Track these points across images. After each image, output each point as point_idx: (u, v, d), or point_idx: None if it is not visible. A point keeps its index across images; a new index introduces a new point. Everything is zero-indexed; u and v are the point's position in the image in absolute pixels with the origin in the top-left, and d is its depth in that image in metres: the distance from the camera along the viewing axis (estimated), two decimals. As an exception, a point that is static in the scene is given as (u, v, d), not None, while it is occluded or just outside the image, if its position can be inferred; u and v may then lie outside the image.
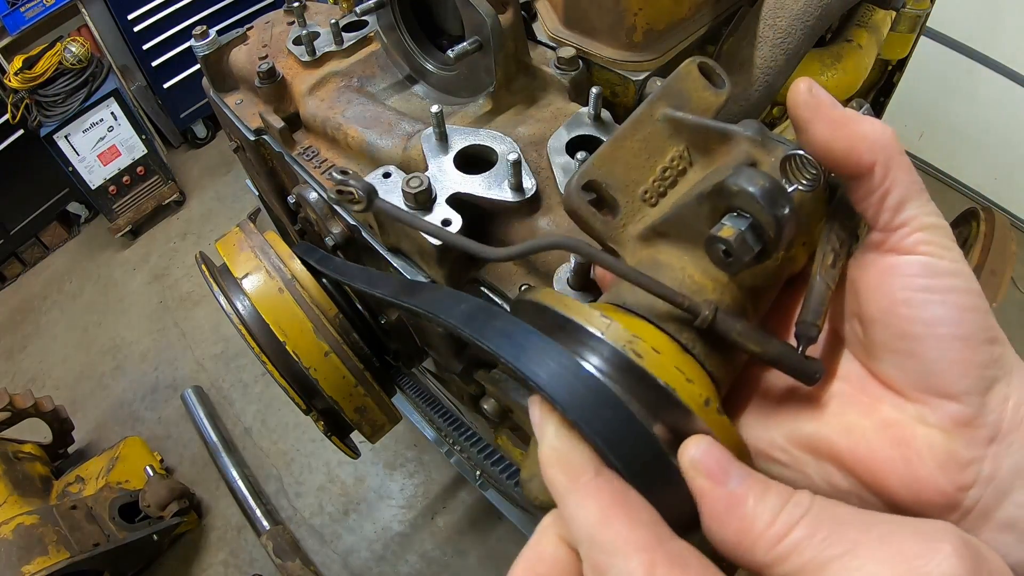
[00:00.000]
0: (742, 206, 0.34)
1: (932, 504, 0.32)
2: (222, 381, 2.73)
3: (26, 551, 1.77)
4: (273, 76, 0.91)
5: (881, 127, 0.34)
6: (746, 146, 0.40)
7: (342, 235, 0.87)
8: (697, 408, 0.31)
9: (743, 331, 0.35)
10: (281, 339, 0.85)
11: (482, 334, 0.35)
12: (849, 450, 0.34)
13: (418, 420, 1.90)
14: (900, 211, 0.34)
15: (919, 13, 1.25)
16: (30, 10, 2.83)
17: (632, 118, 0.43)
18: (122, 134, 3.12)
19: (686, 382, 0.32)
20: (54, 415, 2.31)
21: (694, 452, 0.30)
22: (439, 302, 0.42)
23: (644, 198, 0.42)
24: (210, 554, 2.28)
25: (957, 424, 0.32)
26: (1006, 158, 2.74)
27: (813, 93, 0.34)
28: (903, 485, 0.33)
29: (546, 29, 0.92)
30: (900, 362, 0.34)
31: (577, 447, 0.30)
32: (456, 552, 2.17)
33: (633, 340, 0.32)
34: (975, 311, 0.33)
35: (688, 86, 0.44)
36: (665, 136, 0.43)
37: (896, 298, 0.33)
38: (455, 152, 0.72)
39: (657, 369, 0.32)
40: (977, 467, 0.32)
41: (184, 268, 3.18)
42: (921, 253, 0.33)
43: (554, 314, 0.35)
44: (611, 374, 0.32)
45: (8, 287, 3.32)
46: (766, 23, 0.83)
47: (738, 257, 0.33)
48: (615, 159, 0.42)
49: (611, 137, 0.43)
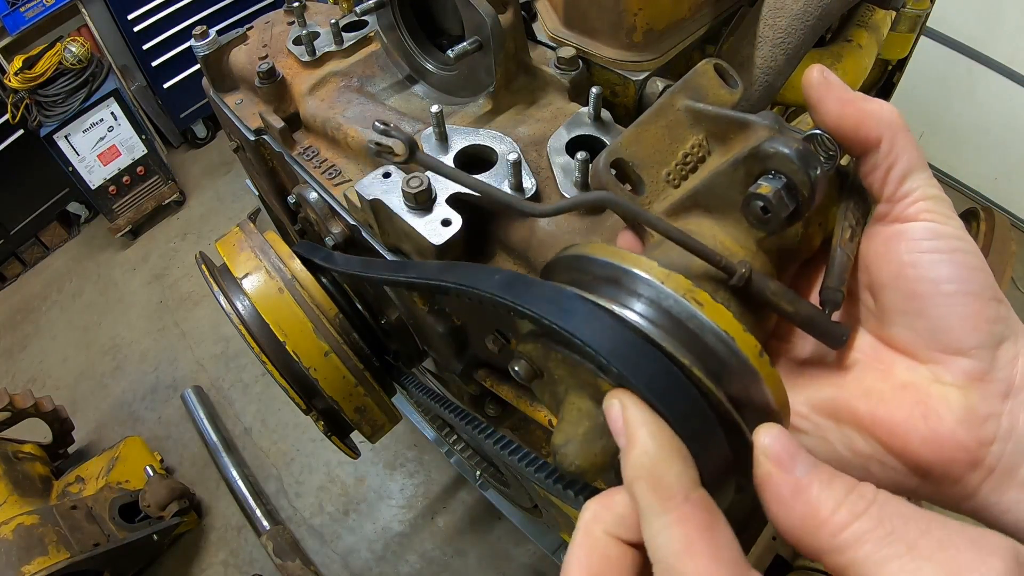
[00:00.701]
0: (778, 167, 0.35)
1: (955, 461, 0.33)
2: (222, 381, 2.73)
3: (26, 551, 1.77)
4: (273, 76, 0.91)
5: (888, 106, 0.36)
6: (764, 134, 0.41)
7: (342, 235, 0.87)
8: (753, 357, 0.32)
9: (776, 290, 0.36)
10: (281, 339, 0.85)
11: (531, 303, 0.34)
12: (869, 413, 0.35)
13: (418, 420, 1.90)
14: (904, 182, 0.35)
15: (919, 13, 1.25)
16: (30, 10, 2.83)
17: (655, 106, 0.44)
18: (122, 134, 3.12)
19: (743, 331, 0.32)
20: (54, 415, 2.31)
21: (765, 439, 0.30)
22: (474, 275, 0.43)
23: (667, 179, 0.44)
24: (210, 554, 2.28)
25: (971, 379, 0.33)
26: (1006, 158, 2.74)
27: (824, 76, 0.37)
28: (924, 444, 0.33)
29: (546, 29, 0.92)
30: (911, 323, 0.35)
31: (671, 461, 0.29)
32: (456, 552, 2.17)
33: (693, 290, 0.33)
34: (981, 271, 0.34)
35: (705, 83, 0.46)
36: (686, 125, 0.45)
37: (903, 261, 0.35)
38: (455, 152, 0.72)
39: (717, 317, 0.32)
40: (996, 422, 0.32)
41: (184, 268, 3.18)
42: (925, 219, 0.35)
43: (607, 264, 0.35)
44: (665, 324, 0.32)
45: (8, 287, 3.33)
46: (766, 23, 0.83)
47: (776, 213, 0.35)
48: (640, 141, 0.44)
49: (635, 122, 0.44)
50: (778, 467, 0.30)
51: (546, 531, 1.73)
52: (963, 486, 0.33)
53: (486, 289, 0.39)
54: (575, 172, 0.68)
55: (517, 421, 1.01)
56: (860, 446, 0.36)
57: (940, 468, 0.33)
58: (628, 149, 0.43)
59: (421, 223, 0.67)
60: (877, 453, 0.35)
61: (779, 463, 0.30)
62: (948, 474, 0.33)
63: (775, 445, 0.30)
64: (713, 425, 0.31)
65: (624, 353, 0.31)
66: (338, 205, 0.85)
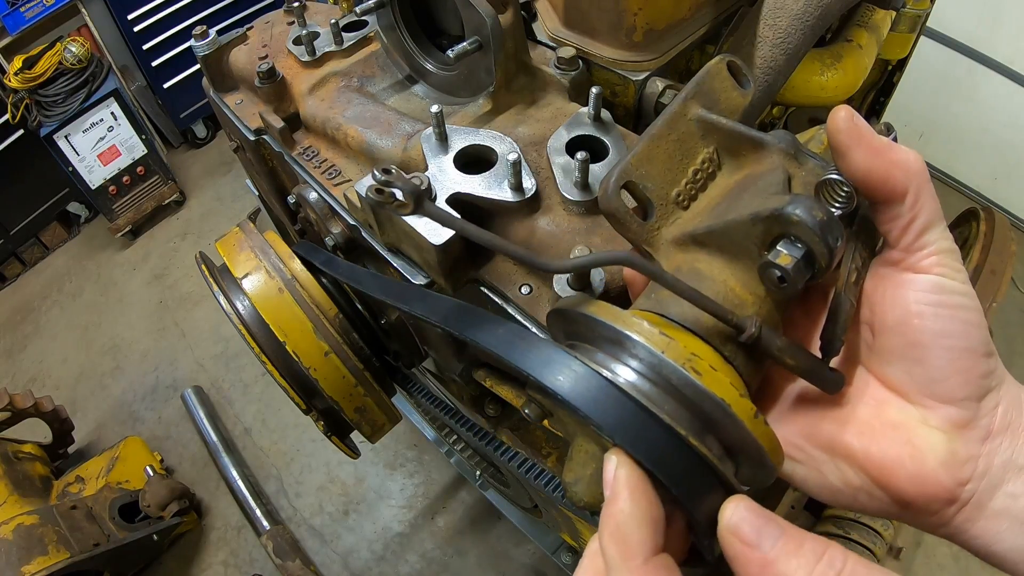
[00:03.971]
0: (799, 235, 0.35)
1: (935, 499, 0.36)
2: (222, 381, 2.73)
3: (26, 551, 1.77)
4: (273, 76, 0.91)
5: (915, 156, 0.36)
6: (779, 158, 0.41)
7: (342, 235, 0.87)
8: (748, 421, 0.33)
9: (783, 347, 0.37)
10: (281, 339, 0.85)
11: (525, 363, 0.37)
12: (863, 449, 0.38)
13: (418, 420, 1.90)
14: (922, 235, 0.36)
15: (919, 13, 1.25)
16: (30, 10, 2.83)
17: (666, 116, 0.43)
18: (122, 134, 3.12)
19: (739, 397, 0.34)
20: (54, 415, 2.31)
21: (731, 518, 0.32)
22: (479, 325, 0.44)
23: (677, 200, 0.43)
24: (210, 554, 2.28)
25: (956, 426, 0.36)
26: (1006, 158, 2.74)
27: (855, 122, 0.36)
28: (910, 481, 0.36)
29: (546, 29, 0.92)
30: (908, 368, 0.37)
31: (640, 524, 0.32)
32: (456, 552, 2.17)
33: (692, 359, 0.34)
34: (978, 327, 0.36)
35: (717, 85, 0.45)
36: (697, 136, 0.44)
37: (911, 310, 0.36)
38: (455, 152, 0.72)
39: (715, 386, 0.33)
40: (973, 464, 0.35)
41: (184, 268, 3.18)
42: (935, 273, 0.36)
43: (610, 328, 0.36)
44: (665, 389, 0.34)
45: (8, 287, 3.32)
46: (766, 23, 0.83)
47: (793, 283, 0.35)
48: (652, 159, 0.43)
49: (646, 135, 0.43)
50: (744, 545, 0.31)
51: (546, 531, 1.73)
52: (939, 517, 0.36)
53: (489, 344, 0.41)
54: (575, 172, 0.68)
55: (517, 421, 1.02)
56: (851, 478, 0.38)
57: (922, 502, 0.36)
58: (639, 170, 0.42)
59: (421, 223, 0.67)
60: (866, 485, 0.38)
61: (745, 541, 0.31)
62: (928, 508, 0.36)
63: (742, 525, 0.32)
64: (708, 486, 0.33)
65: (624, 424, 0.33)
66: (338, 205, 0.85)
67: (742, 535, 0.31)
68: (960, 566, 1.97)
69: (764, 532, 0.31)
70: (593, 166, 0.69)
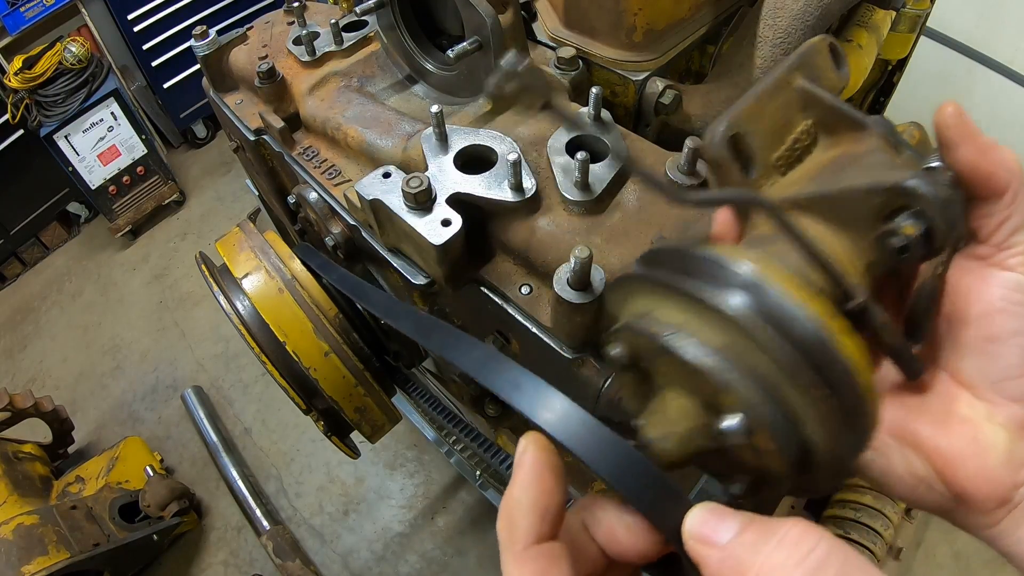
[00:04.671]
0: (923, 209, 0.35)
1: (990, 497, 0.36)
2: (222, 381, 2.73)
3: (26, 551, 1.77)
4: (273, 76, 0.91)
5: (1013, 156, 0.37)
6: (877, 142, 0.40)
7: (342, 235, 0.87)
8: (868, 392, 0.33)
9: (884, 322, 0.36)
10: (281, 339, 0.85)
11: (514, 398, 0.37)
12: (932, 440, 0.38)
13: (418, 420, 1.90)
14: (1014, 235, 0.37)
15: (919, 13, 1.25)
16: (30, 10, 2.83)
17: (772, 80, 0.42)
18: (122, 134, 3.12)
19: (866, 367, 0.33)
20: (54, 415, 2.31)
21: (689, 525, 0.32)
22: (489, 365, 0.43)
23: (776, 164, 0.42)
24: (210, 554, 2.28)
25: (1019, 426, 0.36)
26: (1006, 158, 2.74)
27: (964, 119, 0.37)
28: (970, 478, 0.36)
29: (546, 29, 0.92)
30: (982, 363, 0.38)
31: (526, 512, 0.33)
32: (456, 552, 2.17)
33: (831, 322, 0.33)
34: None
35: (819, 62, 0.43)
36: (797, 107, 0.43)
37: (994, 306, 0.37)
38: (455, 152, 0.72)
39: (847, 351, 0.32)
40: None
41: (184, 268, 3.18)
42: (1021, 272, 0.37)
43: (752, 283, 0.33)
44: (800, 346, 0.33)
45: (8, 287, 3.32)
46: (766, 23, 0.83)
47: (912, 254, 0.35)
48: (758, 117, 0.41)
49: (751, 94, 0.41)
50: (702, 544, 0.32)
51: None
52: (990, 517, 0.37)
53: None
54: (575, 172, 0.68)
55: (517, 421, 1.01)
56: (917, 468, 0.39)
57: (979, 500, 0.36)
58: (748, 124, 0.41)
59: (421, 223, 0.67)
60: (929, 477, 0.38)
61: (703, 540, 0.32)
62: (982, 506, 0.36)
63: (701, 528, 0.32)
64: (672, 500, 0.33)
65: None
66: (338, 205, 0.85)
67: (700, 536, 0.32)
68: (960, 566, 1.96)
69: (721, 527, 0.31)
70: (593, 166, 0.69)
